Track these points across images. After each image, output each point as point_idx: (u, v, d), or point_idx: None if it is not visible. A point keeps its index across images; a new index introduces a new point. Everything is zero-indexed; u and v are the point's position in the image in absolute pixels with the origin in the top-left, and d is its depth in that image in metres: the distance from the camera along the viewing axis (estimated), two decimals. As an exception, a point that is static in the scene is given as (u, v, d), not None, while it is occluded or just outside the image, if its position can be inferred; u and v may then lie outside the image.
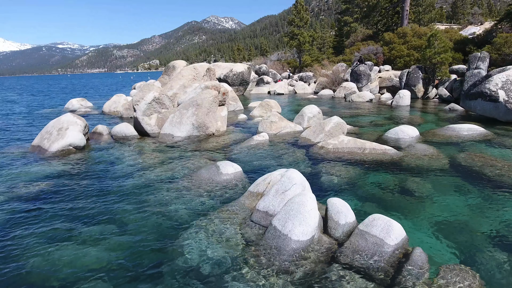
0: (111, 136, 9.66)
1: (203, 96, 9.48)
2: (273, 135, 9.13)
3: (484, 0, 70.58)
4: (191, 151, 7.96)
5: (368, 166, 6.42)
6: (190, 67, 13.81)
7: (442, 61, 16.09)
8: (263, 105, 12.85)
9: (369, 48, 24.26)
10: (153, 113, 9.93)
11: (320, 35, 50.16)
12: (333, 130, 8.25)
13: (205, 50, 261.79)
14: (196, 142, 8.85)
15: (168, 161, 7.14)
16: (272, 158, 7.09)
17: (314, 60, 32.61)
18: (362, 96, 16.69)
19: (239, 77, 21.86)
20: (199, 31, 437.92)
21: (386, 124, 10.79)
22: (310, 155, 7.19)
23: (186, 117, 9.30)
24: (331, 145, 7.36)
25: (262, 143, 8.27)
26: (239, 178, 5.78)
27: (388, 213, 4.47)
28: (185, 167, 6.58)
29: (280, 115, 9.80)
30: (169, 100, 10.36)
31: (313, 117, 10.18)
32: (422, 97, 16.94)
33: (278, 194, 4.22)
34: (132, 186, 5.66)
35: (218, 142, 8.74)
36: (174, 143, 8.84)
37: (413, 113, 13.05)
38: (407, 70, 17.43)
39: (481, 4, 68.13)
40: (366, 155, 7.00)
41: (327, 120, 8.49)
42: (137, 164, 6.98)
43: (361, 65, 19.53)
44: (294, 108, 15.26)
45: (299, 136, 8.77)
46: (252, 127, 10.63)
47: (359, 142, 7.32)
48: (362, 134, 9.28)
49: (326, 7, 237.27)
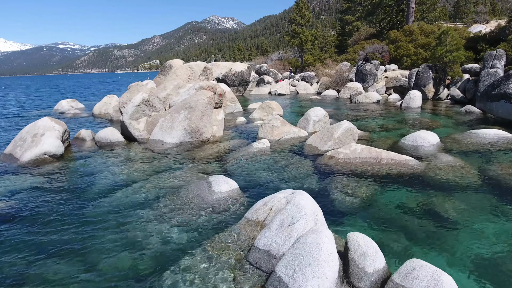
0: (95, 142, 8.71)
1: (196, 98, 8.52)
2: (275, 142, 8.17)
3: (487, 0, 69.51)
4: (181, 160, 7.00)
5: (386, 181, 5.45)
6: (185, 66, 12.88)
7: (454, 60, 15.10)
8: (263, 107, 11.89)
9: (374, 46, 23.28)
10: (141, 117, 8.97)
11: (322, 34, 49.24)
12: (343, 137, 7.28)
13: (206, 50, 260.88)
14: (188, 149, 7.89)
15: (154, 173, 6.18)
16: (274, 170, 6.12)
17: (316, 59, 31.62)
18: (369, 97, 15.71)
19: (239, 77, 20.89)
20: (200, 31, 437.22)
21: (399, 129, 9.83)
22: (318, 167, 6.22)
23: (178, 121, 8.34)
24: (341, 154, 6.39)
25: (263, 151, 7.30)
26: (234, 197, 4.82)
27: (417, 246, 3.56)
28: (173, 182, 5.62)
29: (282, 119, 8.84)
30: (160, 102, 9.41)
31: (319, 121, 9.22)
32: (432, 98, 15.96)
33: (283, 228, 3.26)
34: (108, 207, 4.71)
35: (213, 149, 7.77)
36: (163, 150, 7.88)
37: (425, 115, 12.07)
38: (417, 69, 16.45)
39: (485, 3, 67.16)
40: (382, 166, 6.03)
41: (336, 125, 7.52)
42: (118, 178, 6.02)
43: (367, 64, 18.55)
44: (297, 110, 14.29)
45: (304, 143, 7.80)
46: (251, 132, 9.67)
47: (374, 151, 6.36)
48: (374, 140, 8.31)
49: (326, 7, 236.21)
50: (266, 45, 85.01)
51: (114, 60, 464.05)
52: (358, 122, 11.00)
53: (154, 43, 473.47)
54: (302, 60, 33.45)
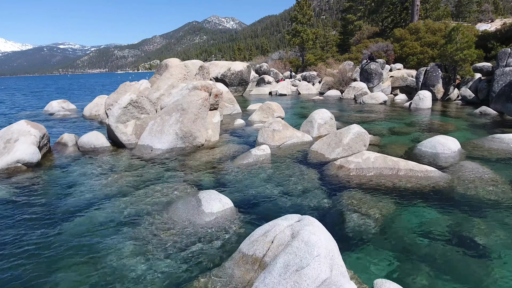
0: (77, 148, 7.91)
1: (189, 98, 7.72)
2: (276, 148, 7.36)
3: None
4: (171, 170, 6.20)
5: (406, 197, 4.65)
6: (180, 65, 12.07)
7: (466, 58, 14.28)
8: (263, 108, 11.08)
9: (379, 45, 22.47)
10: (129, 120, 8.17)
11: (323, 33, 48.43)
12: (353, 143, 6.47)
13: (206, 50, 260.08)
14: (179, 156, 7.09)
15: (138, 186, 5.38)
16: (275, 183, 5.31)
17: (318, 58, 30.80)
18: (375, 98, 14.89)
19: (238, 76, 20.09)
20: (200, 31, 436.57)
21: (411, 132, 9.01)
22: (326, 179, 5.41)
23: (169, 125, 7.54)
24: (353, 164, 5.58)
25: (262, 159, 6.49)
26: (228, 218, 4.01)
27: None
28: (158, 198, 4.82)
29: (284, 122, 8.03)
30: (151, 103, 8.60)
31: (325, 124, 8.41)
32: (442, 99, 15.13)
33: (289, 273, 2.45)
34: (79, 229, 3.94)
35: (207, 156, 6.97)
36: (152, 157, 7.08)
37: (437, 117, 11.25)
38: (425, 68, 15.63)
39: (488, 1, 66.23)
40: (400, 179, 5.22)
41: (345, 129, 6.70)
42: (97, 191, 5.22)
43: (372, 63, 17.73)
44: (299, 112, 13.48)
45: (309, 149, 6.99)
46: (250, 136, 8.86)
47: (390, 161, 5.55)
48: (386, 146, 7.50)
49: (327, 7, 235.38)
50: (266, 45, 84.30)
51: (115, 60, 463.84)
52: (365, 125, 10.18)
53: (154, 43, 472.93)
54: (304, 59, 32.62)
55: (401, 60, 21.67)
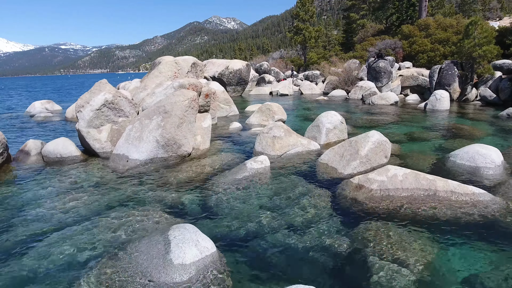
0: (42, 158, 6.69)
1: (174, 99, 6.48)
2: (277, 159, 6.12)
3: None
4: (145, 188, 4.96)
5: (452, 232, 3.42)
6: (171, 62, 10.88)
7: (485, 55, 13.00)
8: (263, 110, 9.84)
9: (386, 42, 21.20)
10: (104, 124, 6.93)
11: (325, 32, 47.16)
12: (372, 154, 5.22)
13: (207, 50, 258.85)
14: (160, 169, 5.86)
15: (99, 212, 4.17)
16: (274, 211, 4.07)
17: (320, 57, 29.54)
18: (385, 98, 13.62)
19: (236, 75, 18.85)
20: (201, 31, 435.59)
21: (434, 138, 7.75)
22: (341, 205, 4.16)
23: (148, 131, 6.30)
24: (375, 183, 4.33)
25: (260, 174, 5.25)
26: (207, 276, 2.76)
27: None
28: (118, 233, 3.60)
29: (285, 127, 6.78)
30: (131, 104, 7.37)
31: (334, 129, 7.16)
32: (458, 99, 13.85)
33: None
34: (13, 270, 2.70)
35: (193, 170, 5.72)
36: (127, 170, 5.85)
37: (459, 121, 9.98)
38: (439, 66, 14.34)
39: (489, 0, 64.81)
40: (440, 204, 3.97)
41: (362, 137, 5.44)
42: (48, 217, 4.05)
43: (381, 60, 16.46)
44: (303, 114, 12.22)
45: (317, 161, 5.74)
46: (247, 142, 7.63)
47: (423, 179, 4.29)
48: (409, 157, 6.24)
49: (328, 7, 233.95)
50: (267, 45, 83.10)
51: (116, 61, 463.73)
52: (378, 129, 8.93)
53: (155, 44, 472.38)
54: (306, 58, 31.38)
55: (410, 58, 20.40)
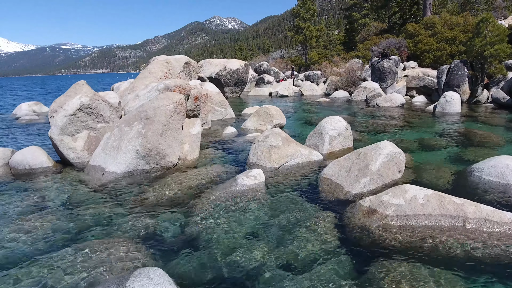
0: (10, 169, 5.95)
1: (157, 103, 5.72)
2: (274, 172, 5.35)
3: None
4: (118, 211, 4.21)
5: (490, 276, 2.66)
6: (161, 61, 10.15)
7: (497, 54, 12.22)
8: (260, 113, 9.08)
9: (390, 41, 20.40)
10: (80, 131, 6.18)
11: (326, 32, 46.43)
12: (384, 169, 4.45)
13: (208, 50, 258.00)
14: (139, 183, 5.11)
15: (54, 247, 3.41)
16: (267, 244, 3.31)
17: (322, 57, 28.77)
18: (391, 100, 12.84)
19: (234, 75, 18.09)
20: (202, 31, 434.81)
21: (448, 146, 6.98)
22: (350, 235, 3.40)
23: (128, 139, 5.54)
24: (391, 208, 3.56)
25: (252, 192, 4.50)
26: None
27: None
28: (71, 277, 2.84)
29: (284, 134, 6.02)
30: (112, 109, 6.62)
31: (338, 137, 6.39)
32: (468, 101, 13.06)
33: None
34: None
35: (176, 186, 4.96)
36: (101, 185, 5.10)
37: (473, 125, 9.20)
38: (448, 66, 13.57)
39: (494, 0, 63.92)
40: (472, 236, 3.22)
41: (372, 149, 4.67)
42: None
43: (385, 60, 15.67)
44: (303, 117, 11.45)
45: (320, 175, 4.97)
46: (242, 151, 6.87)
47: (449, 203, 3.53)
48: (423, 169, 5.47)
49: (329, 7, 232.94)
50: (268, 45, 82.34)
51: (117, 61, 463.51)
52: (386, 135, 8.18)
53: (156, 44, 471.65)
54: (307, 58, 30.60)
55: (415, 58, 19.61)
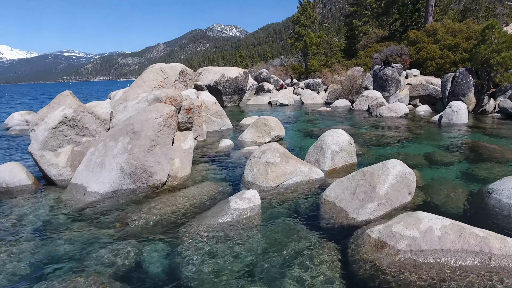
0: (-16, 187, 5.50)
1: (145, 116, 5.29)
2: (270, 192, 4.89)
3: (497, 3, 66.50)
4: (95, 240, 3.75)
5: None
6: (156, 69, 9.76)
7: (504, 62, 11.82)
8: (258, 124, 8.65)
9: (392, 48, 20.09)
10: (63, 145, 5.75)
11: (327, 39, 46.35)
12: (393, 192, 3.99)
13: (209, 57, 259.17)
14: (123, 205, 4.65)
15: (16, 284, 2.95)
16: (262, 283, 2.84)
17: (322, 64, 28.48)
18: (394, 110, 12.41)
19: (233, 84, 17.72)
20: (203, 39, 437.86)
21: (458, 162, 6.52)
22: (356, 276, 2.92)
23: (113, 155, 5.10)
24: (403, 241, 3.10)
25: (246, 218, 4.04)
26: None
27: None
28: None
29: (282, 149, 5.57)
30: (99, 121, 6.20)
31: (341, 152, 5.94)
32: (474, 111, 12.63)
33: None
34: None
35: (163, 208, 4.50)
36: (81, 207, 4.65)
37: (481, 137, 8.74)
38: (453, 75, 13.17)
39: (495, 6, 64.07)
40: (497, 275, 2.74)
41: (379, 168, 4.20)
42: None
43: (388, 68, 15.30)
44: (304, 128, 11.01)
45: (321, 197, 4.50)
46: (237, 166, 6.41)
47: (470, 236, 3.06)
48: (433, 189, 5.01)
49: (329, 15, 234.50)
50: (268, 52, 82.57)
51: (118, 68, 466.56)
52: (391, 148, 7.73)
53: (158, 51, 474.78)
54: (307, 65, 30.32)
55: (418, 66, 19.26)
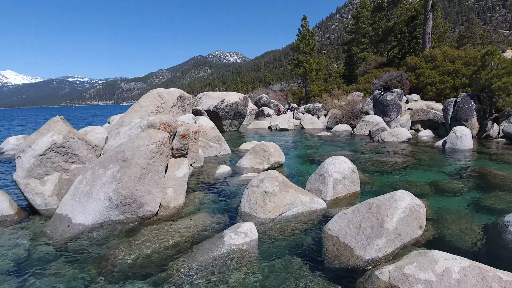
0: (-36, 217, 5.15)
1: (136, 143, 5.03)
2: (268, 225, 4.54)
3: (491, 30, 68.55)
4: (76, 282, 3.38)
5: None
6: (153, 94, 9.64)
7: (506, 87, 11.73)
8: (257, 150, 8.38)
9: (391, 74, 20.21)
10: (50, 173, 5.46)
11: (326, 65, 47.16)
12: (402, 227, 3.64)
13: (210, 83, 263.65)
14: (109, 239, 4.29)
15: None
16: None
17: (322, 89, 28.68)
18: (396, 135, 12.18)
19: (233, 109, 17.66)
20: (205, 65, 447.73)
21: (467, 190, 6.18)
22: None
23: (101, 184, 4.79)
24: (417, 286, 2.73)
25: (242, 254, 3.68)
26: None
27: None
28: None
29: (281, 178, 5.25)
30: (90, 147, 5.94)
31: (343, 180, 5.62)
32: (477, 136, 12.40)
33: None
34: None
35: (152, 243, 4.13)
36: (64, 241, 4.29)
37: (488, 164, 8.44)
38: (454, 100, 13.07)
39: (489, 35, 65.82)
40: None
41: (387, 201, 3.87)
42: None
43: (388, 93, 15.25)
44: (304, 154, 10.74)
45: (323, 231, 4.14)
46: (234, 195, 6.08)
47: (494, 279, 2.70)
48: (442, 221, 4.68)
49: (328, 42, 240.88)
50: (269, 78, 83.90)
51: (121, 93, 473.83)
52: (395, 175, 7.41)
53: (160, 76, 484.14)
54: (307, 90, 30.54)
55: (417, 91, 19.29)
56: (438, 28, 32.15)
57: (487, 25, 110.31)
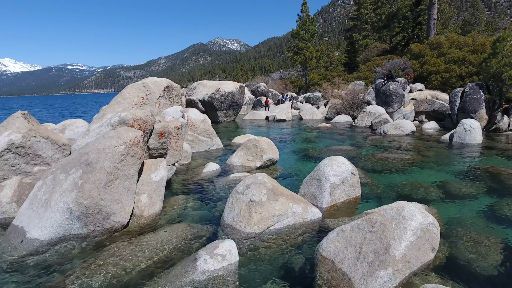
0: None
1: (102, 144, 4.35)
2: (252, 242, 3.89)
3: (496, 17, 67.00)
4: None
5: None
6: (138, 85, 8.92)
7: (518, 76, 10.94)
8: (248, 146, 7.69)
9: (394, 62, 19.31)
10: (9, 176, 4.81)
11: (327, 53, 45.94)
12: (412, 253, 2.99)
13: (210, 70, 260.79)
14: (67, 259, 3.67)
15: None
16: None
17: (322, 78, 27.76)
18: (400, 127, 11.46)
19: (228, 98, 16.88)
20: (205, 52, 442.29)
21: (478, 194, 5.53)
22: None
23: (60, 193, 4.13)
24: None
25: (216, 284, 3.04)
26: None
27: None
28: None
29: (270, 184, 4.58)
30: (56, 147, 5.26)
31: (342, 184, 4.96)
32: (486, 128, 11.67)
33: None
34: None
35: (116, 266, 3.50)
36: (17, 259, 3.67)
37: (500, 161, 7.75)
38: (462, 90, 12.29)
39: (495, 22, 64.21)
40: None
41: (393, 219, 3.21)
42: None
43: (391, 82, 14.44)
44: (301, 148, 10.04)
45: (317, 252, 3.48)
46: (220, 200, 5.43)
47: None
48: (454, 235, 4.03)
49: (329, 29, 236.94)
50: (269, 66, 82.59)
51: (121, 81, 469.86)
52: (399, 175, 6.74)
53: (160, 64, 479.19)
54: (307, 79, 29.61)
55: (422, 80, 18.42)
56: (443, 14, 30.96)
57: (491, 12, 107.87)
